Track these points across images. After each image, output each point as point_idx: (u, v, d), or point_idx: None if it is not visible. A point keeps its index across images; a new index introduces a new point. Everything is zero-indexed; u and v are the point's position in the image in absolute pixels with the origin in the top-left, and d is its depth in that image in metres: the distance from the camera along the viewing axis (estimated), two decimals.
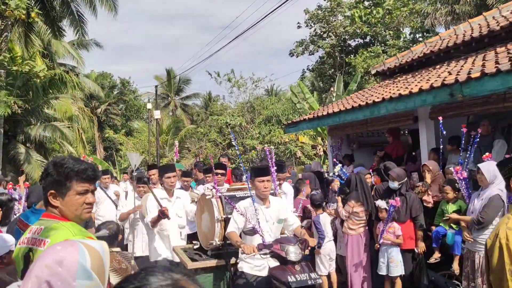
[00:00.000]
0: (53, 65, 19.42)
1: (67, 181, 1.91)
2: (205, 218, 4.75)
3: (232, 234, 3.94)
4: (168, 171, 5.04)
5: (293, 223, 4.24)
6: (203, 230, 4.82)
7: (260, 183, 3.99)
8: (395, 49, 18.83)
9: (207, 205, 4.66)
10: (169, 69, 36.19)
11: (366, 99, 7.69)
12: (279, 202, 4.34)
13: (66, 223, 1.90)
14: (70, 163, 1.92)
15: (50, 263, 1.19)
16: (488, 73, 4.90)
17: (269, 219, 4.04)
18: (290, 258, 3.66)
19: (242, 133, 20.23)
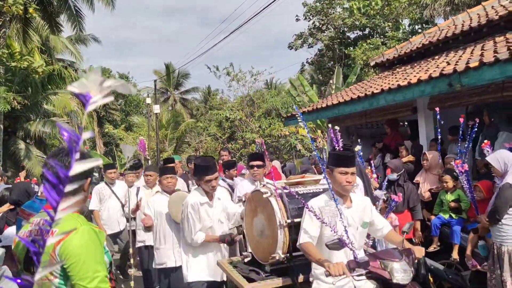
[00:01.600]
0: (52, 60, 19.37)
1: None
2: (259, 223, 3.63)
3: (309, 247, 2.91)
4: (209, 172, 3.96)
5: (382, 227, 3.22)
6: (256, 238, 3.67)
7: (342, 175, 2.94)
8: (394, 40, 18.78)
9: (263, 206, 3.51)
10: (168, 64, 36.14)
11: (365, 91, 7.69)
12: (363, 199, 3.28)
13: (73, 214, 1.93)
14: None
15: None
16: (487, 63, 4.90)
17: (351, 223, 2.99)
18: (397, 280, 2.70)
19: (242, 126, 20.25)
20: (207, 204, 4.03)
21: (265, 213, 3.50)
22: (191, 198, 4.02)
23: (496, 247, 4.26)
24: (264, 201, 3.47)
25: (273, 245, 3.36)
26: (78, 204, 2.00)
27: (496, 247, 4.25)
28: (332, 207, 2.98)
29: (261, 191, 3.49)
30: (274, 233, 3.35)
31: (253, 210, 3.71)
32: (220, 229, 4.09)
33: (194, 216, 3.93)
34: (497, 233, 4.26)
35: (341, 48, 21.56)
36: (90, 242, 1.84)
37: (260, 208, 3.59)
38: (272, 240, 3.38)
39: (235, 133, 20.74)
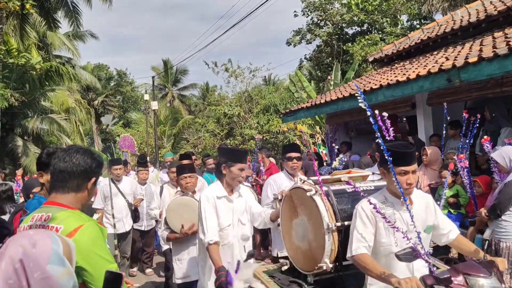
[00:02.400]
0: (49, 57, 19.30)
1: None
2: (300, 226, 3.06)
3: (366, 259, 2.42)
4: (243, 159, 3.51)
5: (448, 230, 2.67)
6: (296, 243, 3.10)
7: (402, 176, 2.44)
8: (392, 36, 18.75)
9: (306, 206, 2.96)
10: (166, 60, 36.06)
11: (363, 86, 7.68)
12: (424, 196, 2.72)
13: (75, 211, 1.92)
14: None
15: (25, 243, 1.19)
16: (486, 58, 4.89)
17: (411, 228, 2.43)
18: None
19: (240, 123, 20.22)
20: (226, 198, 3.50)
21: (308, 214, 2.95)
22: (207, 191, 3.55)
23: (494, 242, 4.27)
24: (307, 200, 2.90)
25: (318, 252, 2.82)
26: (80, 202, 1.99)
27: (495, 242, 4.26)
28: (389, 209, 2.50)
29: (304, 188, 2.92)
30: (320, 238, 2.80)
31: (293, 211, 3.12)
32: (240, 230, 3.54)
33: (208, 210, 3.40)
34: (496, 229, 4.26)
35: (339, 44, 21.51)
36: (97, 237, 1.84)
37: (302, 208, 3.02)
38: (317, 246, 2.83)
39: (234, 130, 20.71)
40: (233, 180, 3.48)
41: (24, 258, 1.17)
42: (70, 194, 1.94)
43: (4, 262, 1.16)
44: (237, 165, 3.44)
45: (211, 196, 3.44)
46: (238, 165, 3.45)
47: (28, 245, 1.20)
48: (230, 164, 3.44)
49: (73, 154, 1.96)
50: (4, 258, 1.17)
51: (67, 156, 1.95)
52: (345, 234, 2.73)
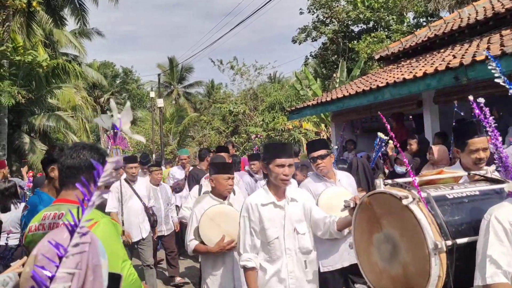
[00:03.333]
0: (55, 54, 19.39)
1: None
2: (385, 243, 2.33)
3: None
4: (282, 154, 2.86)
5: None
6: (379, 265, 2.38)
7: None
8: (398, 34, 18.66)
9: (396, 218, 2.26)
10: (171, 58, 36.16)
11: (370, 84, 7.66)
12: None
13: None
14: None
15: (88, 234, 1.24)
16: (493, 56, 4.86)
17: None
18: None
19: (246, 120, 20.24)
20: (273, 205, 2.87)
21: (400, 228, 2.24)
22: (250, 198, 2.96)
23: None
24: (398, 209, 2.19)
25: (418, 280, 2.14)
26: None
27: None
28: None
29: (393, 193, 2.22)
30: (421, 262, 2.11)
31: (373, 222, 2.40)
32: (295, 243, 2.86)
33: (246, 225, 2.84)
34: None
35: (345, 41, 21.44)
36: (113, 233, 1.85)
37: (389, 219, 2.31)
38: (417, 272, 2.15)
39: (239, 127, 20.74)
40: (275, 180, 2.85)
41: (92, 241, 1.24)
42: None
43: None
44: (274, 161, 2.82)
45: (253, 205, 2.85)
46: (276, 161, 2.81)
47: (91, 233, 1.26)
48: (268, 161, 2.87)
49: (80, 150, 1.97)
50: None
51: (74, 153, 1.96)
52: (458, 256, 2.09)
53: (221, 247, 3.34)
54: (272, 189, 2.91)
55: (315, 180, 3.89)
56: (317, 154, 3.81)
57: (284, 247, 2.83)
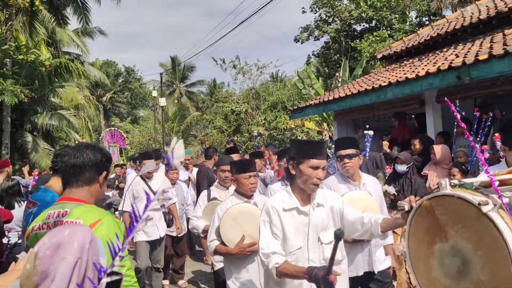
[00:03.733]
0: (58, 53, 19.43)
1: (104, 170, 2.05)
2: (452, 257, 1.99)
3: None
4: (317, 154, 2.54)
5: None
6: (442, 282, 2.03)
7: None
8: (401, 33, 18.64)
9: (469, 227, 1.92)
10: (173, 57, 36.16)
11: (372, 84, 7.65)
12: None
13: (92, 206, 1.95)
14: None
15: (88, 230, 1.27)
16: (496, 55, 4.86)
17: None
18: None
19: (248, 119, 20.25)
20: (297, 210, 2.54)
21: (474, 240, 1.88)
22: (272, 200, 2.63)
23: None
24: (471, 216, 1.85)
25: None
26: (93, 196, 2.02)
27: None
28: None
29: (466, 198, 1.84)
30: (503, 283, 1.76)
31: (435, 231, 2.04)
32: (319, 254, 2.54)
33: (268, 227, 2.52)
34: None
35: (347, 40, 21.42)
36: (116, 231, 1.85)
37: (458, 229, 1.96)
38: None
39: (241, 126, 20.75)
40: (305, 183, 2.51)
41: (92, 239, 1.26)
42: (83, 188, 1.97)
43: (77, 242, 1.23)
44: (308, 162, 2.48)
45: (275, 209, 2.52)
46: (310, 162, 2.48)
47: (89, 232, 1.28)
48: (299, 160, 2.52)
49: (83, 150, 1.99)
50: (77, 239, 1.23)
51: (78, 152, 1.98)
52: None
53: (241, 248, 3.16)
54: (296, 193, 2.57)
55: (339, 181, 3.63)
56: (345, 152, 3.54)
57: (308, 257, 2.50)
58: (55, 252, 1.21)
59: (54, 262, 1.19)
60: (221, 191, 4.33)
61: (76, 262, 1.21)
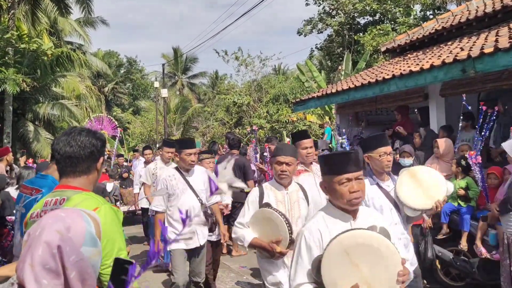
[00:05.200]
0: (60, 43, 19.37)
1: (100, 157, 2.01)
2: None
3: None
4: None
5: None
6: None
7: None
8: (405, 26, 18.51)
9: None
10: (176, 48, 36.02)
11: (375, 76, 7.61)
12: None
13: (90, 193, 1.93)
14: None
15: (60, 228, 1.20)
16: (502, 49, 4.82)
17: None
18: None
19: (250, 112, 20.20)
20: None
21: None
22: None
23: (506, 237, 4.24)
24: None
25: None
26: (91, 184, 2.00)
27: (507, 237, 4.23)
28: None
29: None
30: None
31: None
32: None
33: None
34: (509, 223, 4.23)
35: (351, 34, 21.29)
36: (113, 220, 1.83)
37: None
38: None
39: (243, 119, 20.71)
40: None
41: (61, 243, 1.19)
42: (81, 177, 1.95)
43: (41, 248, 1.17)
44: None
45: None
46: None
47: (63, 230, 1.21)
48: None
49: (77, 136, 1.92)
50: (41, 244, 1.18)
51: (72, 140, 1.91)
52: None
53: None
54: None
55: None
56: (384, 150, 3.13)
57: None
58: (39, 234, 1.20)
59: (35, 245, 1.18)
60: (277, 191, 3.27)
61: (54, 247, 1.18)
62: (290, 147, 3.39)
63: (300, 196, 3.28)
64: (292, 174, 3.26)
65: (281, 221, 2.95)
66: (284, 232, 2.96)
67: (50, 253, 1.17)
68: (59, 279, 1.17)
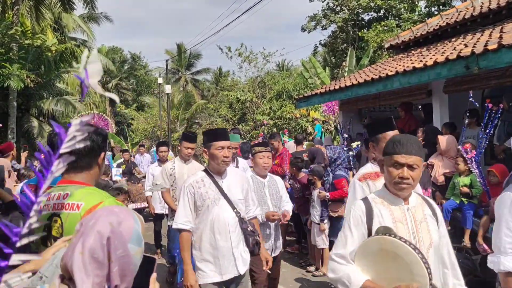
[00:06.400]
0: (64, 39, 19.40)
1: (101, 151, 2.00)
2: None
3: None
4: None
5: None
6: None
7: None
8: (409, 23, 18.41)
9: None
10: (179, 44, 36.00)
11: (379, 73, 7.59)
12: None
13: (93, 188, 1.94)
14: None
15: (113, 221, 1.25)
16: (506, 45, 4.79)
17: None
18: None
19: (253, 108, 20.20)
20: None
21: None
22: None
23: None
24: None
25: None
26: (93, 178, 2.01)
27: None
28: None
29: None
30: None
31: None
32: None
33: None
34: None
35: (355, 30, 21.21)
36: None
37: None
38: None
39: (246, 115, 20.72)
40: None
41: (111, 235, 1.22)
42: (83, 172, 1.96)
43: (93, 237, 1.21)
44: None
45: None
46: None
47: (115, 223, 1.25)
48: None
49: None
50: (94, 232, 1.22)
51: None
52: None
53: None
54: None
55: None
56: None
57: None
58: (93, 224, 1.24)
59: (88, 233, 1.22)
60: (392, 206, 2.15)
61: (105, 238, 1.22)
62: (414, 141, 2.12)
63: (427, 213, 2.18)
64: (416, 183, 2.12)
65: (415, 257, 1.86)
66: (423, 277, 1.85)
67: (100, 243, 1.21)
68: (103, 271, 1.20)
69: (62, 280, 1.22)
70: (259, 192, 4.06)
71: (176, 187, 4.92)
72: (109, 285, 1.23)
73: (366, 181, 2.75)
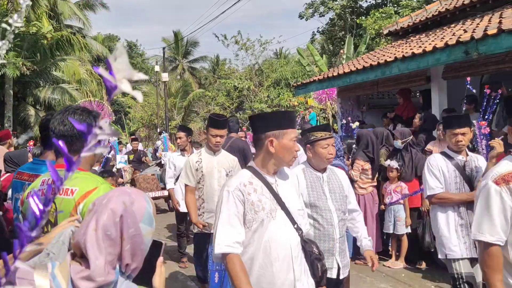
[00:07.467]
0: (60, 26, 19.21)
1: None
2: None
3: None
4: None
5: None
6: None
7: None
8: (408, 9, 18.30)
9: None
10: (176, 32, 35.68)
11: (377, 59, 7.55)
12: None
13: (88, 173, 1.92)
14: None
15: (126, 200, 1.28)
16: (505, 30, 4.76)
17: None
18: None
19: (250, 96, 20.15)
20: None
21: None
22: None
23: None
24: None
25: None
26: (88, 163, 1.98)
27: None
28: None
29: None
30: None
31: None
32: None
33: None
34: None
35: (353, 17, 21.09)
36: None
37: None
38: None
39: (244, 103, 20.68)
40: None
41: (124, 214, 1.26)
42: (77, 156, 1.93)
43: (107, 214, 1.25)
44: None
45: None
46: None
47: (128, 202, 1.28)
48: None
49: (71, 115, 1.89)
50: (107, 210, 1.25)
51: (66, 119, 1.87)
52: None
53: None
54: None
55: None
56: None
57: None
58: (106, 203, 1.27)
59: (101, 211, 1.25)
60: None
61: (118, 215, 1.25)
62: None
63: None
64: None
65: None
66: None
67: (113, 221, 1.24)
68: (115, 249, 1.23)
69: (73, 257, 1.24)
70: (315, 190, 2.83)
71: (204, 184, 4.01)
72: (120, 264, 1.25)
73: (508, 185, 2.04)
